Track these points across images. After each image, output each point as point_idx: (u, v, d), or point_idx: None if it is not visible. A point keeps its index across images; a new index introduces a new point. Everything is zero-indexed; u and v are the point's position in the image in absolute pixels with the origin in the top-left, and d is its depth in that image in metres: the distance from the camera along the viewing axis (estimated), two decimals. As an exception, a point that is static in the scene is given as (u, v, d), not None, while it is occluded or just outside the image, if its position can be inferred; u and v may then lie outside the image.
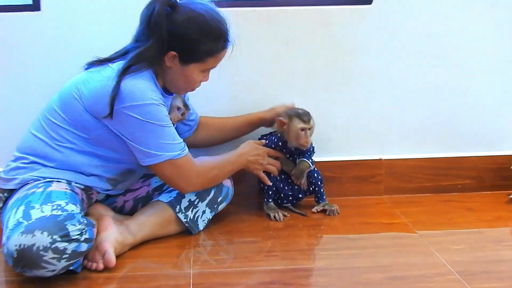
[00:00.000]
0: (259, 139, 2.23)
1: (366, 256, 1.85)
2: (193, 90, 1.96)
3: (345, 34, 2.30)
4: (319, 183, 2.20)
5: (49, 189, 1.78)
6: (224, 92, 2.29)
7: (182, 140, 1.88)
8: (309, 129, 2.12)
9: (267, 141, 2.19)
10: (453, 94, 2.38)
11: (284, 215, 2.16)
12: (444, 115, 2.40)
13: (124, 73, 1.78)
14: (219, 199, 2.08)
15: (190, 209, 2.01)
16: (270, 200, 2.19)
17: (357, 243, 1.96)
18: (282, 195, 2.20)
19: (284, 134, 2.14)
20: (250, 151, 2.10)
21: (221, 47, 1.87)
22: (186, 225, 2.00)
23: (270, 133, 2.22)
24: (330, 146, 2.37)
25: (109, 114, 1.77)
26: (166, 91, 1.95)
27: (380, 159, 2.40)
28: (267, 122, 2.22)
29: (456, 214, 2.21)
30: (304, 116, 2.11)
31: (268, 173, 2.17)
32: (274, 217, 2.15)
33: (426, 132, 2.41)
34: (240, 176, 2.25)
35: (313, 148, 2.21)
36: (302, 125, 2.10)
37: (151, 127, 1.80)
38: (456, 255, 1.85)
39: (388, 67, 2.34)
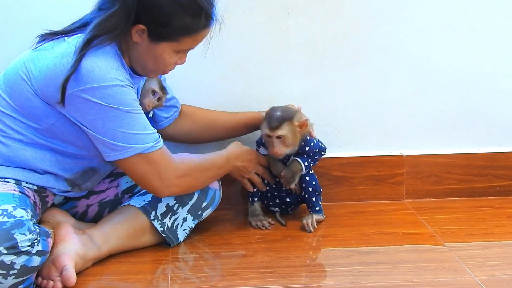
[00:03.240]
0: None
1: (382, 274, 1.86)
2: (165, 73, 1.97)
3: (357, 1, 2.31)
4: (310, 189, 2.17)
5: (-7, 190, 1.79)
6: (207, 71, 2.30)
7: (155, 131, 1.89)
8: (279, 137, 2.08)
9: (259, 139, 2.19)
10: (491, 76, 2.39)
11: (269, 223, 2.18)
12: (481, 102, 2.41)
13: (85, 47, 1.78)
14: (203, 204, 2.09)
15: (168, 216, 2.01)
16: (256, 199, 2.21)
17: (371, 257, 1.97)
18: (269, 194, 2.21)
19: None
20: (241, 155, 2.11)
21: (201, 26, 1.85)
22: (163, 235, 2.01)
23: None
24: (339, 140, 2.38)
25: (61, 99, 1.78)
26: (135, 71, 1.95)
27: (401, 155, 2.41)
28: None
29: (493, 222, 2.22)
30: (273, 121, 2.07)
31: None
32: (257, 225, 2.17)
33: (458, 123, 2.42)
34: (230, 177, 2.25)
35: (321, 149, 2.17)
36: (266, 131, 2.09)
37: (116, 114, 1.81)
38: (492, 272, 1.86)
39: (411, 42, 2.35)
